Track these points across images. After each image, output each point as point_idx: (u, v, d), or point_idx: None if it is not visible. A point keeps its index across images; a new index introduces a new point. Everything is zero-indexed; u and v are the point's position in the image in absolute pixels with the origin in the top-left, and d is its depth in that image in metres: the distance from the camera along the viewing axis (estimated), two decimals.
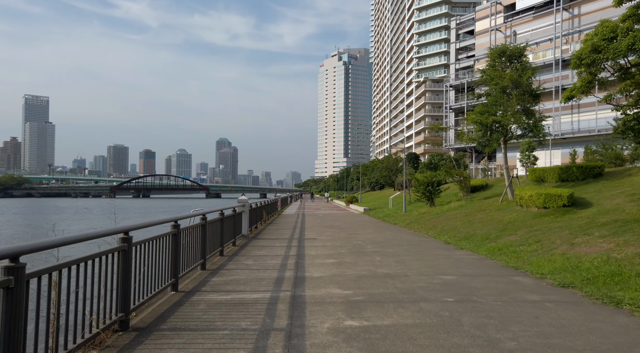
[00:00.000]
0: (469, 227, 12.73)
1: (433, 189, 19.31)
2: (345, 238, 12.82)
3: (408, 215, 19.50)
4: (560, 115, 46.02)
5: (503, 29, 53.51)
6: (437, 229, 14.05)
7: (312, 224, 18.64)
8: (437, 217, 16.62)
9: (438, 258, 8.82)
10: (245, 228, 13.02)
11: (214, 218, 8.87)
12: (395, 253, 9.67)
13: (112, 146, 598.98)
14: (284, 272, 7.56)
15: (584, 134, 45.22)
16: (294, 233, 14.54)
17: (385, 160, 53.59)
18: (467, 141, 16.69)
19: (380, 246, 10.94)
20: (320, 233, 14.44)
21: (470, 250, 9.85)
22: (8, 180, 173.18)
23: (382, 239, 12.52)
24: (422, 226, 15.48)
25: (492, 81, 15.14)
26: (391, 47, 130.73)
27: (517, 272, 7.28)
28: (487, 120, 14.89)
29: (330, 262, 8.61)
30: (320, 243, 11.67)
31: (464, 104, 56.52)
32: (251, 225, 14.78)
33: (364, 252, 9.85)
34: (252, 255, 9.66)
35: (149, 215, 55.38)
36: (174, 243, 6.05)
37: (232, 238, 10.97)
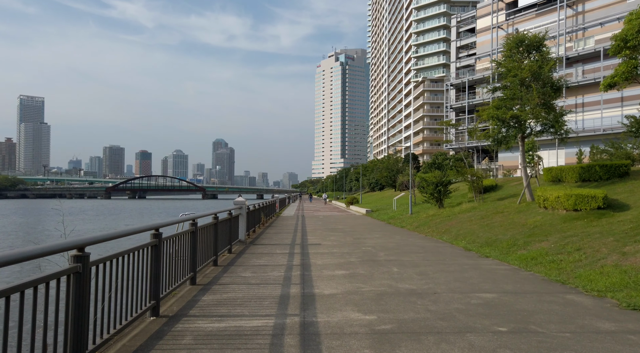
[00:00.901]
0: (489, 232, 11.59)
1: (443, 190, 18.17)
2: (352, 244, 11.65)
3: (415, 218, 18.35)
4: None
5: (505, 27, 52.54)
6: (451, 233, 12.89)
7: (313, 227, 17.47)
8: (448, 219, 15.47)
9: (465, 269, 7.66)
10: (242, 233, 11.83)
11: (207, 224, 7.68)
12: (413, 262, 8.51)
13: (107, 147, 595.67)
14: (288, 287, 6.38)
15: (589, 134, 44.19)
16: (296, 238, 13.37)
17: (385, 160, 52.47)
18: (480, 138, 15.54)
19: (394, 253, 9.78)
20: (324, 238, 13.27)
21: (497, 259, 8.70)
22: (2, 181, 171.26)
23: (393, 245, 11.35)
24: (434, 230, 14.33)
25: (510, 73, 14.01)
26: (389, 47, 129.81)
27: (566, 288, 6.13)
28: (504, 115, 13.76)
29: (341, 273, 7.43)
30: (325, 250, 10.50)
31: (465, 103, 55.51)
32: (249, 229, 13.59)
33: (377, 261, 8.68)
34: (251, 264, 8.47)
35: (138, 218, 54.05)
36: (153, 257, 4.87)
37: (227, 244, 9.78)
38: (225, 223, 9.39)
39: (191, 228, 6.58)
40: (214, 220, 8.23)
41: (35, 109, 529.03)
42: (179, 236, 6.03)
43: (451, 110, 59.68)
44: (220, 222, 8.77)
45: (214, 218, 8.26)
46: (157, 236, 4.95)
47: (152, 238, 4.92)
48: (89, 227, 38.83)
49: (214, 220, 8.25)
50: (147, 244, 4.67)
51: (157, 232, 4.98)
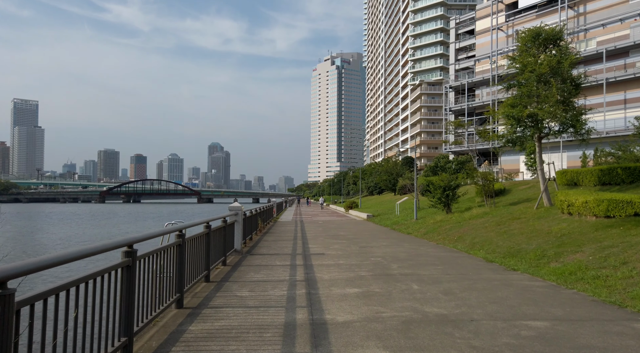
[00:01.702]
0: (509, 240, 10.58)
1: (451, 194, 17.18)
2: (359, 254, 10.61)
3: (422, 224, 17.34)
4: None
5: (505, 29, 51.91)
6: (465, 241, 11.88)
7: (314, 234, 16.41)
8: (459, 226, 14.47)
9: (495, 287, 6.64)
10: (238, 242, 10.76)
11: (198, 234, 6.63)
12: (433, 277, 7.47)
13: (102, 151, 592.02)
14: (293, 311, 5.33)
15: (592, 136, 43.23)
16: (296, 246, 12.31)
17: (384, 163, 51.51)
18: (493, 139, 14.59)
19: (408, 265, 8.74)
20: (327, 246, 12.22)
21: (527, 273, 7.69)
22: None
23: (404, 255, 10.32)
24: (445, 237, 13.31)
25: (527, 68, 13.07)
26: (385, 50, 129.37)
27: (628, 314, 5.12)
28: (521, 114, 12.81)
29: (354, 292, 6.39)
30: (331, 261, 9.45)
31: (465, 106, 54.75)
32: (245, 237, 12.53)
33: (391, 276, 7.64)
34: (248, 280, 7.41)
35: (130, 223, 52.72)
36: (125, 281, 3.83)
37: (222, 256, 8.71)
38: (219, 233, 8.33)
39: (177, 241, 5.53)
40: (206, 230, 7.17)
41: (29, 112, 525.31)
42: (162, 251, 4.99)
43: (450, 113, 58.89)
44: (213, 231, 7.71)
45: (206, 228, 7.21)
46: (130, 254, 3.90)
47: (123, 258, 3.87)
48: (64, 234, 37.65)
49: (206, 229, 7.19)
50: (114, 266, 3.62)
51: (131, 249, 3.93)
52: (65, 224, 48.20)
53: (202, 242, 6.93)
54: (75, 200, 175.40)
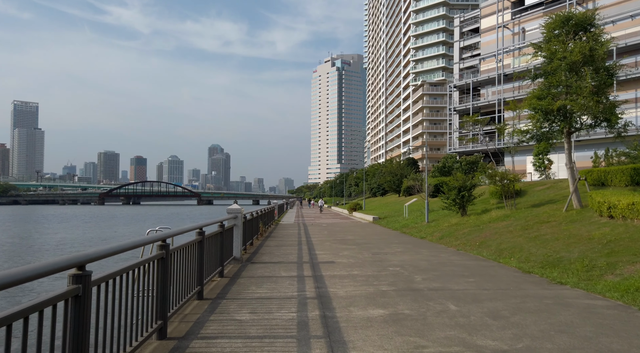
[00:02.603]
0: (543, 247, 9.38)
1: (467, 195, 15.98)
2: (373, 262, 9.41)
3: (435, 227, 16.14)
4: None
5: (511, 26, 50.78)
6: (490, 248, 10.68)
7: (320, 238, 15.22)
8: (478, 230, 13.27)
9: (550, 307, 5.44)
10: (237, 249, 9.55)
11: (188, 243, 5.44)
12: (469, 293, 6.28)
13: (102, 152, 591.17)
14: (308, 346, 4.13)
15: (600, 136, 42.17)
16: (302, 253, 11.11)
17: (388, 164, 50.30)
18: (514, 135, 13.41)
19: (434, 277, 7.55)
20: (336, 253, 11.02)
21: (580, 288, 6.49)
22: None
23: (425, 263, 9.12)
24: (464, 242, 12.12)
25: (556, 56, 11.88)
26: (386, 51, 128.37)
27: None
28: (551, 106, 11.63)
29: (379, 314, 5.19)
30: (343, 271, 8.26)
31: (470, 105, 53.56)
32: (246, 242, 11.34)
33: (418, 291, 6.45)
34: (249, 296, 6.22)
35: (124, 225, 51.51)
36: (72, 317, 2.64)
37: (218, 266, 7.51)
38: (215, 239, 7.14)
39: (159, 254, 4.34)
40: (199, 237, 5.98)
41: (29, 114, 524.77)
42: (138, 268, 3.81)
43: (454, 113, 57.70)
44: (208, 238, 6.52)
45: (199, 234, 6.02)
46: (79, 279, 2.71)
47: (71, 284, 2.68)
48: None
49: (199, 236, 6.00)
50: (60, 294, 2.44)
51: (82, 271, 2.74)
52: (48, 227, 47.00)
53: (194, 253, 5.74)
54: (74, 202, 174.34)
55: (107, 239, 33.04)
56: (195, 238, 5.86)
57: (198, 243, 5.97)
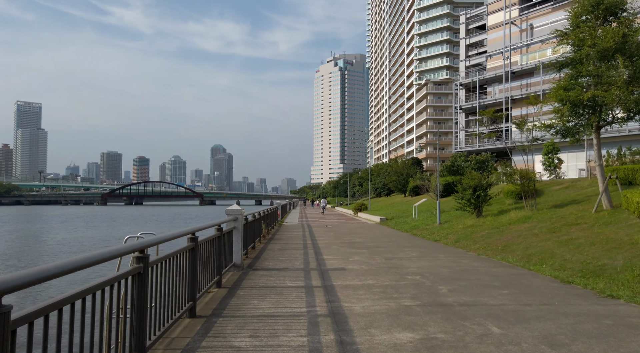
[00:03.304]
0: (578, 253, 8.42)
1: (483, 195, 15.01)
2: (388, 269, 8.48)
3: (449, 229, 15.18)
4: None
5: (518, 23, 49.73)
6: (516, 253, 9.72)
7: (326, 241, 14.29)
8: (498, 232, 12.30)
9: (615, 330, 4.49)
10: (237, 254, 8.62)
11: (177, 251, 4.53)
12: (508, 310, 5.33)
13: (105, 153, 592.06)
14: None
15: (613, 134, 41.14)
16: (308, 258, 10.19)
17: (393, 163, 49.31)
18: (539, 129, 12.44)
19: (461, 288, 6.60)
20: (345, 258, 10.09)
21: (638, 303, 5.53)
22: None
23: (447, 271, 8.18)
24: (484, 246, 11.15)
25: (585, 43, 10.91)
26: (390, 50, 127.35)
27: None
28: (581, 97, 10.66)
29: (408, 339, 4.26)
30: (356, 280, 7.32)
31: (476, 104, 52.52)
32: (247, 246, 10.42)
33: (448, 306, 5.51)
34: (249, 313, 5.29)
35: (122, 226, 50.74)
36: None
37: (215, 276, 6.59)
38: (211, 245, 6.22)
39: (135, 269, 3.42)
40: (191, 244, 5.05)
41: (32, 114, 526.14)
42: (107, 288, 2.90)
43: (461, 111, 56.70)
44: (203, 244, 5.61)
45: (191, 240, 5.09)
46: None
47: None
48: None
49: (191, 242, 5.07)
50: None
51: None
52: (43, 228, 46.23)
53: (184, 263, 4.82)
54: (77, 202, 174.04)
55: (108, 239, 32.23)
56: (186, 246, 4.94)
57: (190, 251, 5.05)
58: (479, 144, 52.68)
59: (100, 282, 2.85)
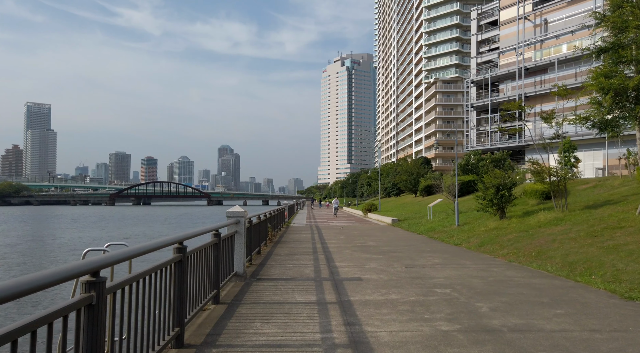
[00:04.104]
0: (633, 262, 7.30)
1: (507, 195, 13.87)
2: (411, 279, 7.41)
3: (469, 232, 14.06)
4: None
5: (532, 18, 48.27)
6: (554, 260, 8.60)
7: (337, 244, 13.25)
8: (528, 236, 11.17)
9: None
10: (239, 262, 7.60)
11: (159, 266, 3.53)
12: (578, 341, 4.25)
13: (114, 153, 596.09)
14: None
15: (632, 132, 39.27)
16: (319, 265, 9.16)
17: (403, 162, 48.11)
18: (575, 121, 11.31)
19: (505, 306, 5.52)
20: (360, 265, 9.04)
21: None
22: (6, 188, 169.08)
23: (479, 282, 7.10)
24: (514, 252, 10.04)
25: (630, 24, 9.78)
26: (397, 49, 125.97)
27: None
28: (625, 85, 9.53)
29: None
30: (377, 294, 6.27)
31: (488, 101, 51.16)
32: (251, 251, 9.41)
33: (497, 333, 4.44)
34: (251, 342, 4.26)
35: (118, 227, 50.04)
36: None
37: (212, 290, 5.58)
38: (205, 255, 5.20)
39: (83, 299, 2.41)
40: (177, 255, 4.03)
41: (42, 115, 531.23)
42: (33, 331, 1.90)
43: (472, 109, 55.31)
44: (193, 254, 4.60)
45: (178, 251, 4.08)
46: None
47: None
48: None
49: (177, 254, 4.06)
50: None
51: None
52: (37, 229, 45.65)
53: (167, 282, 3.81)
54: (85, 202, 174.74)
55: None
56: (170, 259, 3.93)
57: (176, 265, 4.04)
58: (491, 142, 51.32)
59: (33, 319, 1.86)
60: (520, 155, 48.46)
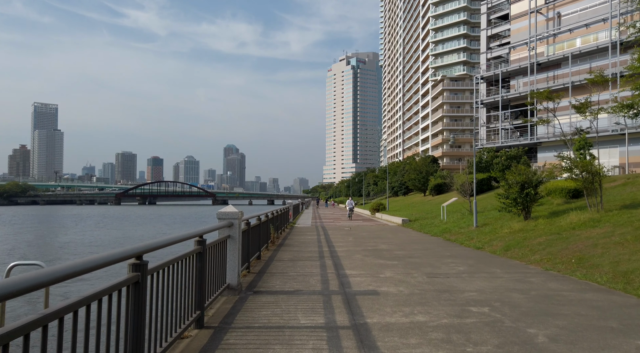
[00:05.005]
0: None
1: (533, 193, 12.60)
2: (438, 294, 6.21)
3: (491, 234, 12.81)
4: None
5: (544, 11, 46.74)
6: (601, 269, 7.36)
7: (345, 247, 12.07)
8: (561, 239, 9.92)
9: None
10: (233, 272, 6.41)
11: (97, 293, 2.38)
12: None
13: (120, 153, 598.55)
14: None
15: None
16: (327, 274, 7.98)
17: (412, 161, 46.80)
18: (617, 110, 10.08)
19: (568, 335, 4.32)
20: (374, 274, 7.85)
21: None
22: (12, 187, 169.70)
23: (520, 297, 5.89)
24: (548, 257, 8.80)
25: None
26: (404, 46, 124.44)
27: None
28: None
29: None
30: (399, 314, 5.08)
31: (499, 98, 49.68)
32: (248, 258, 8.24)
33: None
34: None
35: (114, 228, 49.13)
36: None
37: (193, 312, 4.42)
38: (180, 270, 4.03)
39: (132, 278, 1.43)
40: (133, 276, 2.87)
41: (49, 115, 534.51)
42: None
43: (482, 106, 53.82)
44: (159, 269, 3.44)
45: (134, 270, 2.91)
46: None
47: None
48: None
49: (134, 273, 2.90)
50: None
51: None
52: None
53: (123, 311, 2.64)
54: (91, 202, 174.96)
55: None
56: (124, 280, 2.77)
57: (131, 288, 2.88)
58: (501, 140, 49.87)
59: None
60: (532, 154, 46.98)
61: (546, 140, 44.84)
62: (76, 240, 31.93)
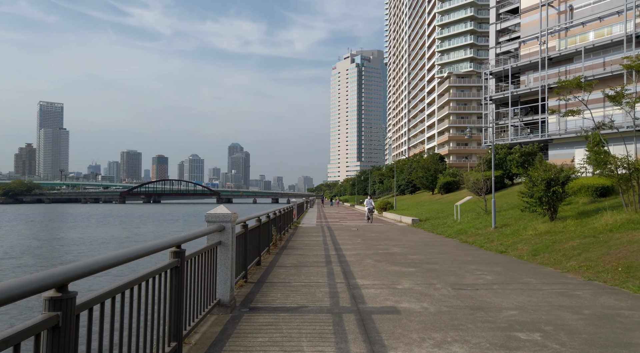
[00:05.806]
0: None
1: (560, 191, 11.48)
2: (471, 313, 5.16)
3: (513, 236, 11.71)
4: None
5: (556, 4, 45.33)
6: None
7: (354, 251, 11.02)
8: (598, 243, 8.82)
9: None
10: (224, 286, 5.36)
11: None
12: None
13: (125, 152, 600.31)
14: None
15: None
16: (335, 284, 6.93)
17: (420, 158, 45.60)
18: None
19: None
20: (390, 284, 6.80)
21: None
22: (18, 185, 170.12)
23: (573, 317, 4.82)
24: (587, 265, 7.72)
25: None
26: (409, 43, 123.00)
27: None
28: None
29: None
30: (432, 345, 4.03)
31: (508, 94, 48.35)
32: (246, 266, 7.20)
33: None
34: None
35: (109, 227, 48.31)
36: None
37: (167, 344, 3.40)
38: (147, 292, 3.01)
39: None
40: (50, 316, 1.84)
41: (54, 114, 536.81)
42: None
43: (490, 102, 52.51)
44: (85, 304, 2.42)
45: (52, 306, 1.88)
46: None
47: None
48: None
49: (51, 312, 1.87)
50: None
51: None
52: None
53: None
54: (96, 200, 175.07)
55: None
56: (43, 318, 1.74)
57: (49, 332, 1.85)
58: (511, 137, 48.57)
59: None
60: (543, 151, 45.70)
61: (557, 137, 43.54)
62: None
